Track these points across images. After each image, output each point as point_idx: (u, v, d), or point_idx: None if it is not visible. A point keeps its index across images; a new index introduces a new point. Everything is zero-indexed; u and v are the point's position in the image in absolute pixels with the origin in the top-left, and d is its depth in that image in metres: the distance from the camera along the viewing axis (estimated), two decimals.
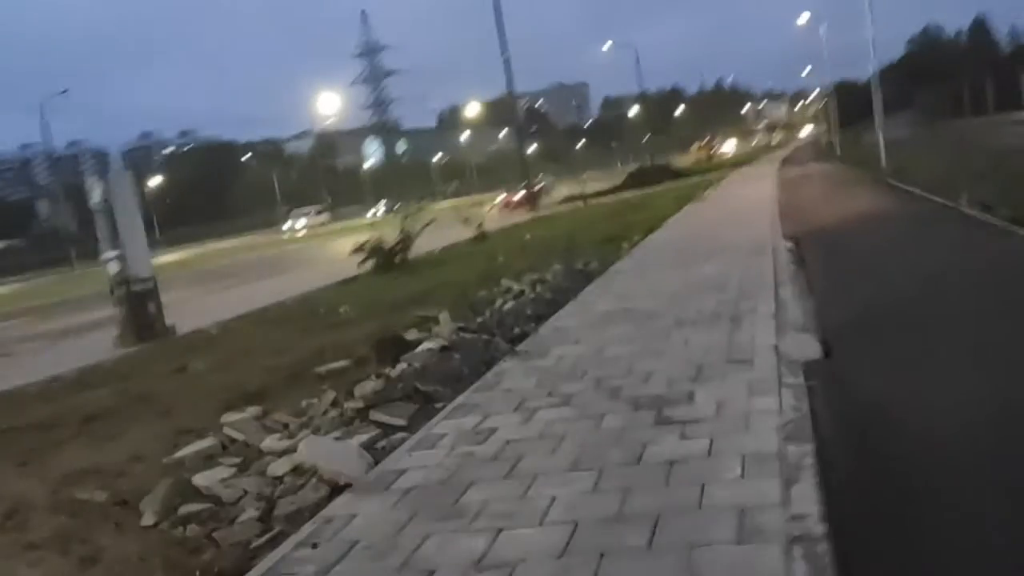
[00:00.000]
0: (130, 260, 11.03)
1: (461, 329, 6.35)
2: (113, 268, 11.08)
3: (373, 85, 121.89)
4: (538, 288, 8.14)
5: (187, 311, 14.26)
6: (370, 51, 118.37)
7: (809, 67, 70.30)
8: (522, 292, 8.29)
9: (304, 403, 5.14)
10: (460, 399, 4.53)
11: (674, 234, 12.28)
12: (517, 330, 6.26)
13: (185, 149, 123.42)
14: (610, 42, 58.37)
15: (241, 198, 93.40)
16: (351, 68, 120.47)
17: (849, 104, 50.02)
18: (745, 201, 16.28)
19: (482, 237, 20.47)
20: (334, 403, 4.62)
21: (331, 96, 73.79)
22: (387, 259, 15.97)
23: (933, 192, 11.22)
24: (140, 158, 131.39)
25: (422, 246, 20.23)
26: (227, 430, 4.48)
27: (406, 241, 16.33)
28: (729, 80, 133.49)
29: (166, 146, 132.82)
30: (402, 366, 5.11)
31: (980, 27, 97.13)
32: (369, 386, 4.87)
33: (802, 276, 6.76)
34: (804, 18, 37.73)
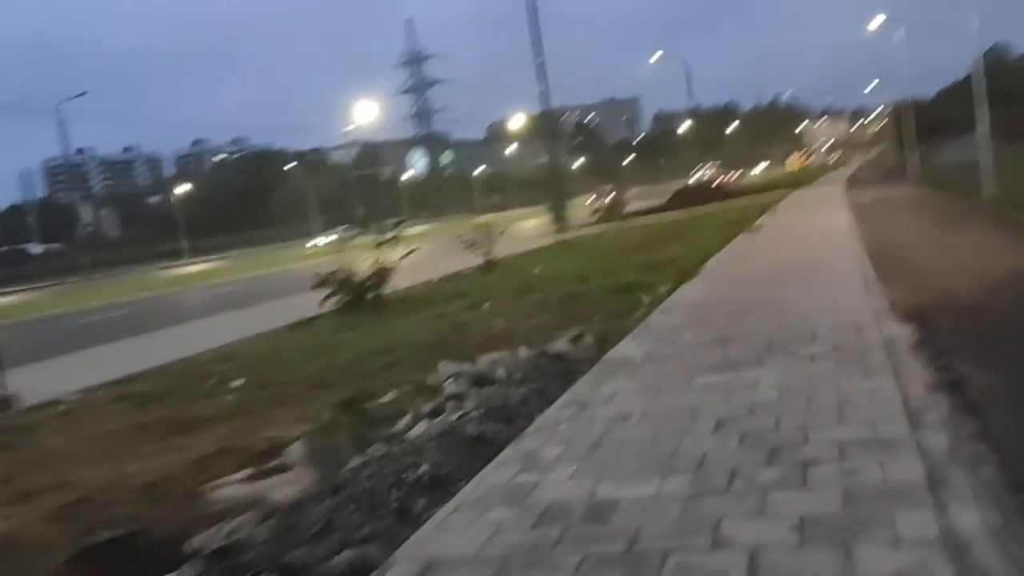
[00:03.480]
0: None
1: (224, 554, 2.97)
2: None
3: (418, 95, 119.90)
4: (469, 402, 4.72)
5: (95, 361, 11.38)
6: (414, 61, 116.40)
7: (875, 82, 65.44)
8: (448, 400, 4.89)
9: None
10: None
11: (715, 288, 8.71)
12: (348, 556, 2.86)
13: (235, 157, 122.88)
14: (659, 53, 54.44)
15: (282, 207, 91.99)
16: (403, 79, 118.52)
17: (915, 123, 45.90)
18: (813, 236, 12.59)
19: (489, 267, 17.30)
20: None
21: (368, 105, 71.82)
22: (357, 296, 12.92)
23: None
24: (191, 165, 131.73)
25: (419, 275, 17.29)
26: None
27: (381, 274, 13.23)
28: (786, 96, 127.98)
29: (217, 153, 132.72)
30: None
31: None
32: None
33: (974, 436, 3.20)
34: (876, 23, 33.58)
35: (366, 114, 68.84)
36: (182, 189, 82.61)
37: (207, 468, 4.56)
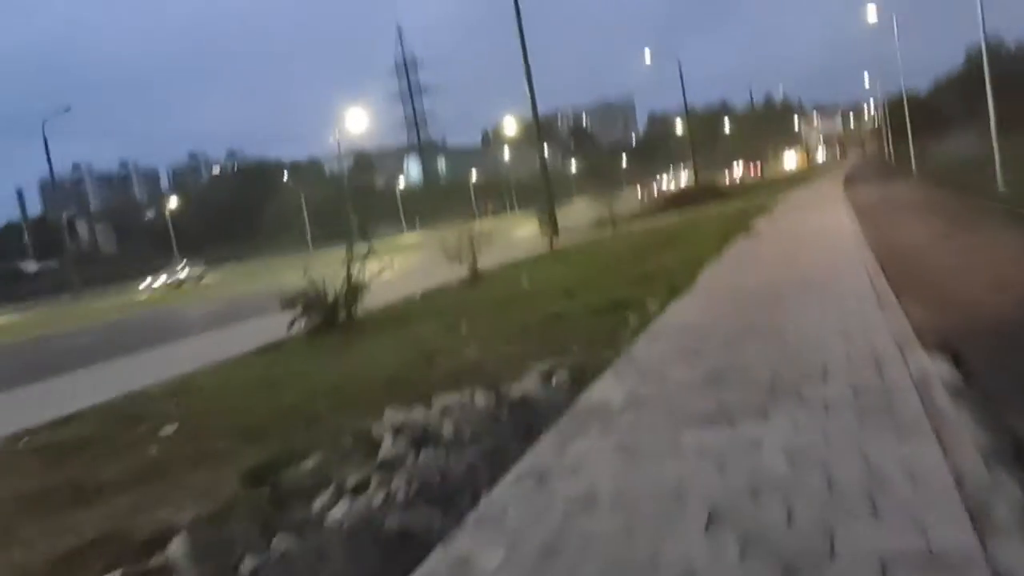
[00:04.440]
0: None
1: None
2: None
3: (410, 102, 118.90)
4: (403, 474, 3.80)
5: (43, 396, 10.47)
6: (406, 67, 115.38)
7: (869, 77, 64.61)
8: (380, 469, 3.97)
9: None
10: None
11: (710, 305, 7.78)
12: None
13: (230, 169, 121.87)
14: (650, 52, 53.42)
15: (277, 219, 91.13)
16: (395, 86, 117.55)
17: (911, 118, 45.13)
18: (815, 241, 11.68)
19: (474, 279, 16.44)
20: None
21: (359, 113, 70.78)
22: (328, 316, 12.08)
23: None
24: (187, 178, 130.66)
25: (403, 288, 16.54)
26: None
27: (353, 293, 12.38)
28: (779, 93, 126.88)
29: (212, 165, 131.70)
30: None
31: None
32: None
33: None
34: (871, 15, 32.69)
35: (357, 122, 67.92)
36: (175, 203, 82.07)
37: (71, 568, 3.65)
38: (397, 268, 24.68)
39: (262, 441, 5.60)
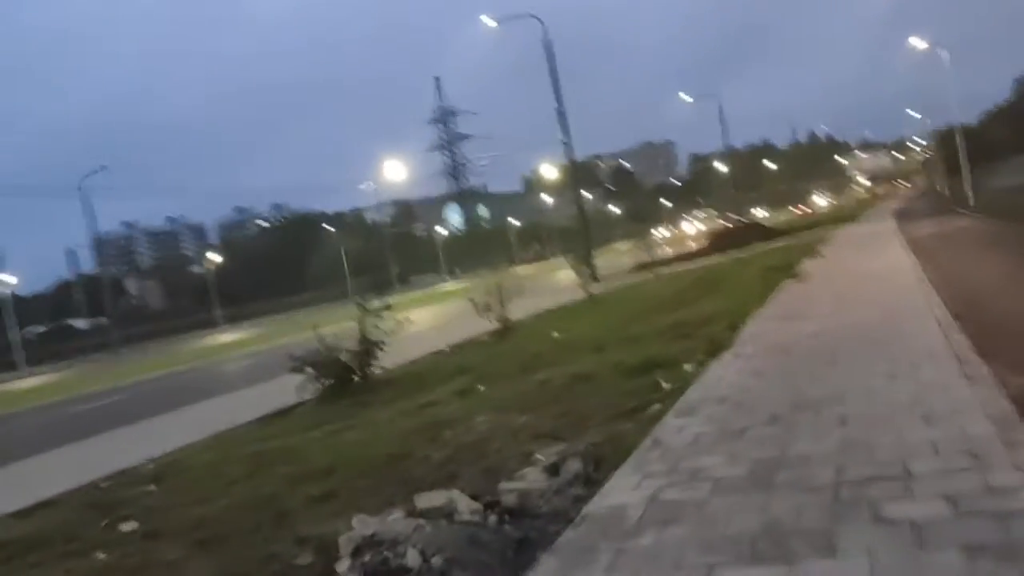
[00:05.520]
0: None
1: None
2: None
3: (450, 151, 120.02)
4: None
5: (35, 472, 9.79)
6: (445, 117, 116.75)
7: (916, 110, 62.87)
8: None
9: None
10: None
11: (754, 368, 6.71)
12: None
13: (275, 223, 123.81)
14: (692, 94, 52.80)
15: (320, 270, 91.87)
16: (435, 135, 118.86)
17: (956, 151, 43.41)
18: (873, 286, 10.51)
19: (504, 332, 15.54)
20: None
21: (398, 164, 71.52)
22: (341, 378, 11.33)
23: None
24: (233, 232, 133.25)
25: (431, 342, 15.79)
26: None
27: (367, 352, 11.62)
28: (822, 130, 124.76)
29: (258, 219, 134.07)
30: None
31: None
32: None
33: None
34: (919, 45, 31.46)
35: (396, 172, 68.64)
36: (218, 258, 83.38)
37: None
38: (431, 318, 24.00)
39: (222, 548, 4.74)
